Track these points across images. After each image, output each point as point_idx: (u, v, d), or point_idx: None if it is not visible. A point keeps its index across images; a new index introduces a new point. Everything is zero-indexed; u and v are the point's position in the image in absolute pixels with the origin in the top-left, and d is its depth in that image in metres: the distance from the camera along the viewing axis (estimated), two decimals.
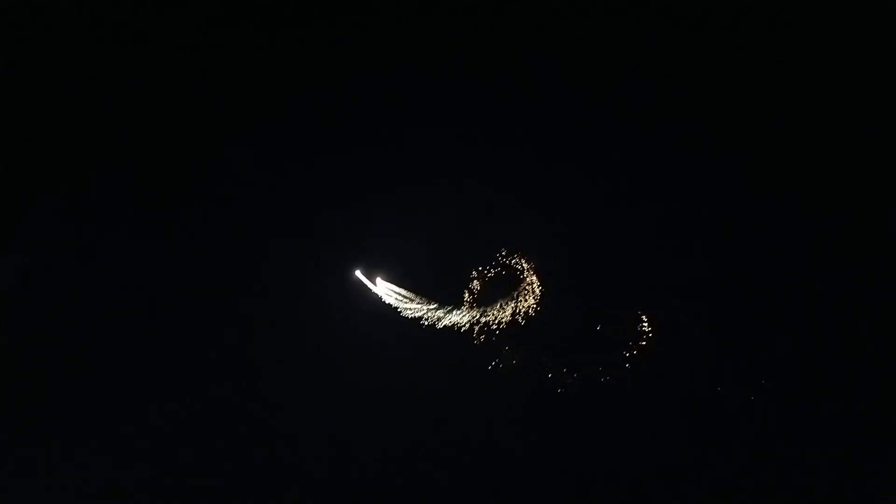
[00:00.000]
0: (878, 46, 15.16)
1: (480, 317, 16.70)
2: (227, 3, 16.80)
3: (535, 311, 16.42)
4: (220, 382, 16.26)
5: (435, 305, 16.90)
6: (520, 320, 16.44)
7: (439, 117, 16.76)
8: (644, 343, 15.60)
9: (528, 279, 16.65)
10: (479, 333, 16.55)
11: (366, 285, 17.06)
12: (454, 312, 16.83)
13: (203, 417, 16.01)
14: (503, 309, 16.65)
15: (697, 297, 15.41)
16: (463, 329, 16.64)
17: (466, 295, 16.86)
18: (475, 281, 16.85)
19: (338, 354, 16.24)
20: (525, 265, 16.73)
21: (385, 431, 15.88)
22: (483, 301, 16.82)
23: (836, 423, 14.24)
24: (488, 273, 16.85)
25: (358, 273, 16.99)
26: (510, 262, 16.79)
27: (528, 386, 16.02)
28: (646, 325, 15.68)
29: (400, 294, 17.10)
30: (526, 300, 16.53)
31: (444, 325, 16.73)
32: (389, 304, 17.07)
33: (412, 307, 16.97)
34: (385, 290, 17.15)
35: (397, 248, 17.10)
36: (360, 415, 15.97)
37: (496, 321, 16.57)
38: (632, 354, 15.60)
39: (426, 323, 16.78)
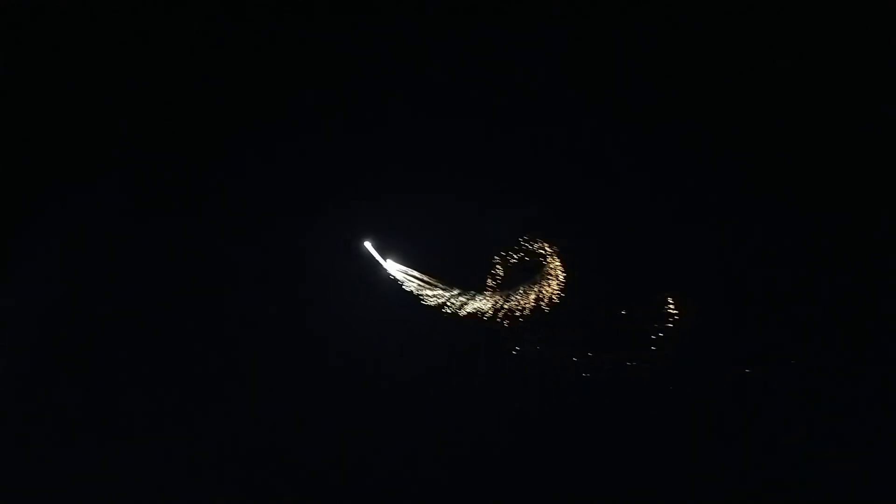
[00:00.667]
0: (878, 46, 14.81)
1: (504, 303, 16.47)
2: (227, 3, 16.49)
3: (559, 297, 16.21)
4: (223, 376, 16.10)
5: (457, 291, 16.66)
6: (544, 306, 16.23)
7: (448, 111, 16.49)
8: (672, 328, 15.44)
9: (551, 264, 16.40)
10: (503, 320, 16.35)
11: (384, 275, 16.80)
12: (477, 298, 16.60)
13: (202, 414, 15.82)
14: (526, 294, 16.42)
15: (731, 281, 15.24)
16: (486, 316, 16.44)
17: (489, 280, 16.60)
18: (497, 266, 16.59)
19: (359, 343, 16.01)
20: (548, 249, 16.46)
21: (408, 424, 15.69)
22: (506, 287, 16.58)
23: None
24: (511, 258, 16.57)
25: (370, 248, 16.68)
26: (533, 246, 16.52)
27: (553, 373, 15.89)
28: (674, 309, 15.50)
29: (420, 280, 16.82)
30: (550, 285, 16.30)
31: (468, 312, 16.52)
32: (410, 291, 16.80)
33: (434, 293, 16.71)
34: (403, 276, 16.86)
35: (414, 236, 16.80)
36: (385, 408, 15.80)
37: (520, 307, 16.36)
38: (660, 340, 15.44)
39: (449, 310, 16.56)
